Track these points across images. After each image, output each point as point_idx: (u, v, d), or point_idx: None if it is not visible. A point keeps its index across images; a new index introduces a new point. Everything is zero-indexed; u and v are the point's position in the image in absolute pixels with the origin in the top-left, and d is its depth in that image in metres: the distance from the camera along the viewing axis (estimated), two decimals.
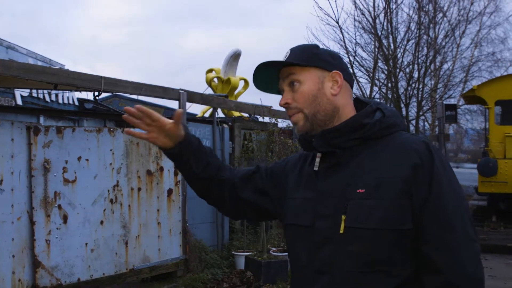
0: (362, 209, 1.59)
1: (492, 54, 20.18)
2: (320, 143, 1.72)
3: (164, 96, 7.06)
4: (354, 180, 1.64)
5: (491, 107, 12.86)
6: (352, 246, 1.59)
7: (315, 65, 1.75)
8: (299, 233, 1.75)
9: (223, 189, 1.94)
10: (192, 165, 1.87)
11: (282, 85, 1.80)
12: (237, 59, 13.18)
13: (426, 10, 14.61)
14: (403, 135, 1.70)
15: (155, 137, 1.83)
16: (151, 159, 6.53)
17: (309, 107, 1.73)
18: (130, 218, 6.25)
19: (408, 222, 1.57)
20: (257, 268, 6.83)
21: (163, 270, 6.67)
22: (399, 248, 1.58)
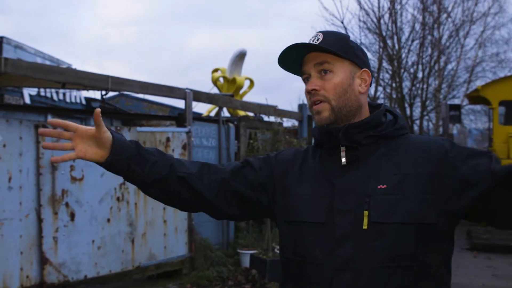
0: (386, 205, 1.57)
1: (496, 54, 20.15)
2: (345, 137, 1.67)
3: (171, 95, 7.11)
4: (373, 176, 1.62)
5: (495, 108, 12.86)
6: (376, 241, 1.56)
7: (349, 58, 1.71)
8: (311, 231, 1.67)
9: (189, 187, 1.75)
10: (136, 168, 1.65)
11: (310, 69, 1.72)
12: (242, 59, 13.23)
13: (430, 11, 14.62)
14: (415, 136, 1.71)
15: (84, 150, 1.61)
16: None
17: (338, 99, 1.68)
18: (136, 216, 6.31)
19: (432, 216, 1.56)
20: (262, 266, 6.87)
21: (169, 267, 6.73)
22: (422, 243, 1.56)
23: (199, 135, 7.84)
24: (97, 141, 1.61)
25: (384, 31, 13.37)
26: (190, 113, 7.21)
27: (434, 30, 14.81)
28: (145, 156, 1.67)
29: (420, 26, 14.20)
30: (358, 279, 1.57)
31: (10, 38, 9.32)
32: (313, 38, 1.73)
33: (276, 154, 1.89)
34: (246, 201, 1.80)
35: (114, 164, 1.63)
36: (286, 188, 1.77)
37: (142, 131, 6.45)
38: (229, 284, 6.79)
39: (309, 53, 1.73)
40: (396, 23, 13.52)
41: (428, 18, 14.47)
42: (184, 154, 6.93)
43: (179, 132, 6.94)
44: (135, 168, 1.64)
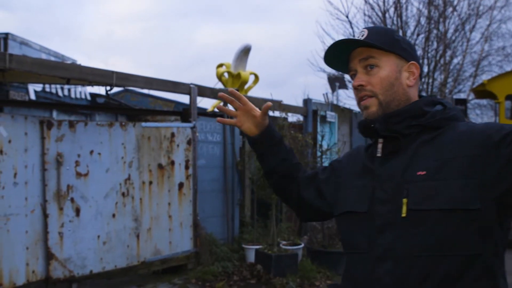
0: (425, 191, 1.54)
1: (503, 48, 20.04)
2: (382, 127, 1.68)
3: (175, 90, 7.11)
4: (412, 163, 1.60)
5: (501, 102, 12.79)
6: (416, 229, 1.54)
7: (395, 52, 1.71)
8: (356, 220, 1.70)
9: (293, 187, 2.00)
10: (269, 157, 1.98)
11: (356, 65, 1.74)
12: (247, 54, 13.22)
13: (436, 4, 14.54)
14: (464, 123, 1.66)
15: (242, 122, 1.96)
16: (162, 152, 6.59)
17: (385, 94, 1.69)
18: (141, 211, 6.32)
19: (475, 202, 1.50)
20: (267, 261, 6.87)
21: (174, 262, 6.74)
22: (466, 230, 1.51)
23: (204, 130, 7.83)
24: (255, 122, 1.94)
25: (389, 25, 13.31)
26: (195, 108, 7.20)
27: (440, 24, 14.73)
28: (281, 150, 1.98)
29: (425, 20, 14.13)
30: (398, 268, 1.55)
31: (15, 34, 9.34)
32: (358, 34, 1.74)
33: (340, 157, 2.00)
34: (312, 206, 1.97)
35: (257, 143, 1.97)
36: (340, 184, 1.85)
37: (147, 127, 6.45)
38: (234, 279, 6.80)
39: (354, 50, 1.74)
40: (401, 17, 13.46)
41: (433, 12, 14.40)
42: (189, 149, 6.93)
43: (184, 127, 6.94)
44: (269, 156, 1.97)
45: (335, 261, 7.49)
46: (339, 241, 7.99)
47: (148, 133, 6.44)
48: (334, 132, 11.18)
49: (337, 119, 11.68)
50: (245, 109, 1.94)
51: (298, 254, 7.27)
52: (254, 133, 1.96)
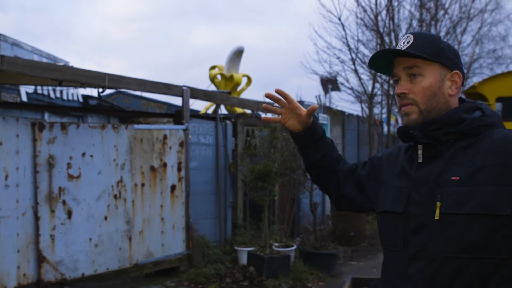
0: (458, 196, 1.60)
1: (493, 51, 20.15)
2: (421, 135, 1.73)
3: (168, 92, 7.10)
4: (448, 168, 1.66)
5: (492, 104, 12.86)
6: (448, 232, 1.60)
7: (440, 61, 1.74)
8: (393, 220, 1.79)
9: (333, 179, 2.07)
10: (312, 152, 2.03)
11: (400, 72, 1.78)
12: (240, 56, 13.22)
13: (427, 7, 14.60)
14: (501, 131, 1.69)
15: (287, 120, 1.98)
16: (155, 155, 6.59)
17: (427, 103, 1.73)
18: (133, 214, 6.31)
19: (507, 208, 1.54)
20: (260, 263, 6.87)
21: (167, 265, 6.73)
22: (498, 235, 1.55)
23: (197, 132, 7.83)
24: (300, 120, 1.96)
25: (382, 28, 13.35)
26: (187, 111, 7.20)
27: (432, 26, 14.79)
28: (323, 145, 2.03)
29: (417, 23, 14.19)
30: (430, 267, 1.62)
31: (7, 35, 9.28)
32: (403, 40, 1.79)
33: (380, 154, 2.06)
34: (353, 201, 2.05)
35: (300, 139, 2.01)
36: (381, 182, 1.92)
37: (140, 129, 6.44)
38: (227, 281, 6.80)
39: (399, 56, 1.78)
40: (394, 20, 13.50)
41: (425, 14, 14.46)
42: (181, 151, 6.93)
43: (177, 129, 6.93)
44: (312, 151, 2.03)
45: (327, 263, 7.51)
46: (331, 243, 8.01)
47: (141, 135, 6.43)
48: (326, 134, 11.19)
49: (330, 121, 11.71)
50: (291, 107, 1.96)
51: (290, 256, 7.28)
52: (297, 129, 1.99)
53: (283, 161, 7.65)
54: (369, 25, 13.74)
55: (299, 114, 1.95)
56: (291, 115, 1.97)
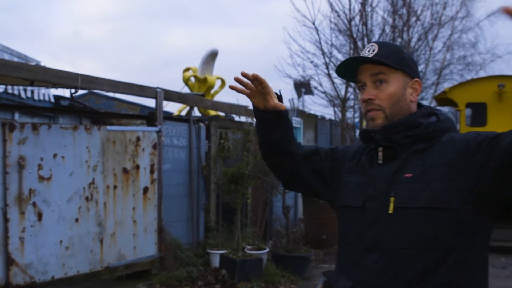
0: (410, 192, 1.73)
1: (463, 57, 20.49)
2: (382, 138, 1.84)
3: (141, 94, 7.06)
4: (402, 167, 1.79)
5: (462, 109, 13.08)
6: (400, 225, 1.72)
7: (403, 69, 1.86)
8: (351, 214, 1.89)
9: (286, 159, 2.11)
10: (273, 133, 2.04)
11: (366, 78, 1.89)
12: (214, 59, 13.21)
13: (400, 14, 14.80)
14: (452, 134, 1.84)
15: (254, 96, 1.98)
16: (127, 157, 6.54)
17: (392, 108, 1.85)
18: (105, 216, 6.25)
19: (454, 202, 1.68)
20: (232, 266, 6.87)
21: (138, 268, 6.68)
22: (445, 227, 1.69)
23: (170, 134, 7.80)
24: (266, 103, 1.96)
25: (355, 32, 13.48)
26: (161, 112, 7.17)
27: (404, 32, 14.99)
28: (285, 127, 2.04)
29: (390, 29, 14.37)
30: (384, 259, 1.74)
31: None
32: (368, 48, 1.89)
33: (343, 147, 2.16)
34: (307, 184, 2.12)
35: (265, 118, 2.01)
36: (341, 176, 2.02)
37: (112, 130, 6.39)
38: (199, 284, 6.78)
39: (365, 64, 1.89)
40: (367, 25, 13.64)
41: (398, 20, 14.65)
42: (154, 153, 6.89)
43: (150, 131, 6.90)
44: (268, 129, 2.04)
45: (300, 266, 7.55)
46: (303, 246, 8.05)
47: (113, 137, 6.38)
48: (299, 138, 11.26)
49: (303, 124, 11.77)
50: (263, 91, 1.96)
51: (262, 258, 7.29)
52: (260, 106, 2.00)
53: (256, 164, 7.66)
54: (342, 30, 13.86)
55: (267, 99, 1.97)
56: (260, 94, 1.97)
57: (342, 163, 2.05)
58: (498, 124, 12.33)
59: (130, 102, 14.11)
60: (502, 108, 12.62)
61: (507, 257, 9.44)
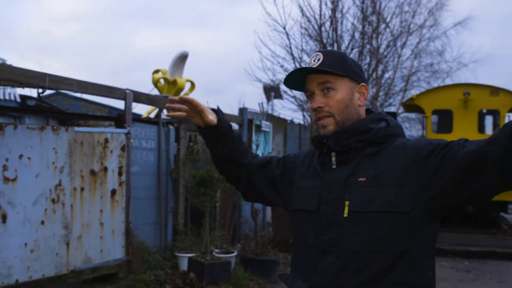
0: (364, 195, 1.79)
1: (431, 65, 20.89)
2: (334, 143, 1.89)
3: (110, 95, 6.99)
4: (356, 172, 1.84)
5: (428, 116, 13.32)
6: (355, 228, 1.78)
7: (349, 76, 1.92)
8: (305, 217, 1.94)
9: (241, 172, 2.18)
10: (219, 146, 2.12)
11: (314, 87, 1.94)
12: (184, 61, 13.16)
13: (370, 21, 14.98)
14: (401, 139, 1.91)
15: (192, 116, 2.06)
16: (95, 158, 6.46)
17: (341, 114, 1.90)
18: (72, 218, 6.16)
19: (406, 206, 1.75)
20: (200, 270, 6.85)
21: (105, 271, 6.60)
22: (397, 230, 1.76)
23: (139, 136, 7.73)
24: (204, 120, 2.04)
25: (325, 38, 13.60)
26: (130, 114, 7.11)
27: (373, 39, 15.18)
28: (229, 140, 2.10)
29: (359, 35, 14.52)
30: (339, 261, 1.79)
31: None
32: (313, 58, 1.94)
33: (294, 153, 2.20)
34: (262, 194, 2.18)
35: (205, 134, 2.10)
36: (293, 182, 2.06)
37: (80, 131, 6.30)
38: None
39: (311, 73, 1.94)
40: (337, 31, 13.77)
41: (367, 27, 14.82)
42: (123, 155, 6.83)
43: (118, 133, 6.83)
44: (218, 145, 2.12)
45: (268, 269, 7.56)
46: (271, 249, 8.06)
47: (81, 138, 6.29)
48: (268, 142, 11.29)
49: (272, 128, 11.81)
50: (195, 109, 2.03)
51: (231, 262, 7.29)
52: (201, 125, 2.08)
53: None
54: (313, 35, 13.97)
55: (203, 117, 2.05)
56: (196, 113, 2.06)
57: (293, 169, 2.10)
58: (464, 131, 12.61)
59: (98, 103, 13.94)
60: (467, 115, 12.90)
61: (471, 261, 9.63)
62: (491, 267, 9.20)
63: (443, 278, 8.15)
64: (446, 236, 11.46)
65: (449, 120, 13.08)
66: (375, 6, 15.20)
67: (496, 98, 12.70)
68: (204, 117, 2.03)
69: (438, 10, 19.55)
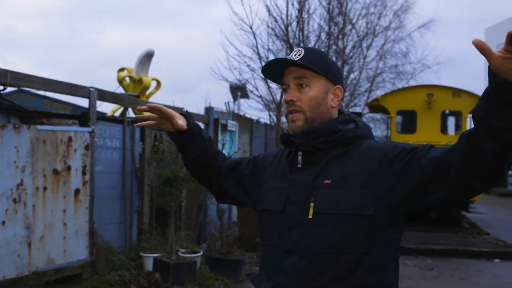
0: (329, 197, 1.80)
1: (395, 66, 21.20)
2: (301, 142, 1.90)
3: (74, 93, 6.88)
4: (322, 173, 1.85)
5: (393, 117, 13.52)
6: (319, 229, 1.79)
7: (326, 75, 1.93)
8: (272, 217, 1.94)
9: (213, 174, 2.18)
10: (190, 150, 2.12)
11: (289, 81, 1.95)
12: (150, 59, 13.06)
13: (336, 22, 15.11)
14: (370, 142, 1.91)
15: (161, 124, 2.09)
16: (58, 157, 6.35)
17: (312, 111, 1.91)
18: (34, 219, 6.04)
19: (370, 209, 1.77)
20: (166, 270, 6.80)
21: (69, 272, 6.49)
22: (361, 232, 1.77)
23: (103, 135, 7.63)
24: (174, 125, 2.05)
25: (292, 38, 13.65)
26: (94, 113, 7.01)
27: (339, 40, 15.32)
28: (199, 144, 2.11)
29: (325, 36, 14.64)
30: (303, 261, 1.80)
31: None
32: (295, 52, 1.94)
33: (264, 153, 2.21)
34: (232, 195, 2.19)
35: (175, 139, 2.11)
36: (262, 182, 2.07)
37: (43, 130, 6.19)
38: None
39: (290, 66, 1.95)
40: (303, 31, 13.84)
41: (333, 28, 14.95)
42: (87, 154, 6.73)
43: (82, 131, 6.73)
44: (188, 149, 2.12)
45: (233, 269, 7.55)
46: (237, 249, 8.06)
47: (44, 137, 6.18)
48: (234, 141, 11.28)
49: (238, 128, 11.81)
50: (165, 116, 2.05)
51: (196, 262, 7.26)
52: (171, 130, 2.09)
53: None
54: (279, 35, 14.01)
55: (172, 122, 2.05)
56: (165, 120, 2.07)
57: (262, 169, 2.11)
58: (427, 131, 12.84)
59: (62, 101, 13.69)
60: (431, 116, 13.14)
61: (434, 259, 9.80)
62: (453, 264, 9.39)
63: (406, 276, 8.28)
64: (410, 235, 11.66)
65: (413, 120, 13.30)
66: (342, 7, 15.35)
67: (458, 99, 12.97)
68: (174, 122, 2.04)
69: (403, 12, 19.85)
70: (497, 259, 9.96)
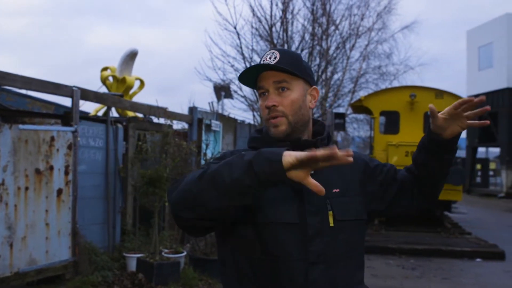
0: (342, 205, 1.88)
1: (379, 67, 21.34)
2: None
3: (56, 92, 6.82)
4: (328, 181, 1.82)
5: (376, 117, 13.59)
6: (340, 235, 1.85)
7: (303, 77, 1.93)
8: (285, 230, 1.79)
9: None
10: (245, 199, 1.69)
11: (268, 85, 1.90)
12: (133, 59, 12.99)
13: (320, 22, 15.17)
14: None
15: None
16: (41, 157, 6.29)
17: (295, 115, 1.89)
18: (16, 219, 5.97)
19: (365, 214, 1.96)
20: (149, 270, 6.77)
21: (51, 273, 6.43)
22: (362, 234, 1.97)
23: (86, 135, 7.57)
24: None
25: (276, 39, 13.69)
26: (77, 112, 6.95)
27: (323, 41, 15.38)
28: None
29: (309, 37, 14.69)
30: (329, 269, 1.82)
31: None
32: (269, 55, 1.89)
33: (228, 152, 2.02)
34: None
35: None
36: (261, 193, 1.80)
37: (25, 129, 6.12)
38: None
39: (267, 71, 1.89)
40: (287, 32, 13.90)
41: (317, 29, 15.01)
42: (69, 154, 6.67)
43: (65, 131, 6.67)
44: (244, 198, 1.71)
45: (217, 269, 7.54)
46: None
47: (26, 136, 6.11)
48: (218, 141, 11.27)
49: (222, 128, 11.79)
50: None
51: (180, 262, 7.23)
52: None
53: (174, 167, 7.59)
54: (263, 36, 14.05)
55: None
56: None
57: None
58: (410, 132, 12.93)
59: (44, 100, 13.56)
60: (413, 117, 13.23)
61: (417, 259, 9.87)
62: (435, 264, 9.47)
63: (389, 276, 8.34)
64: (393, 235, 11.72)
65: (396, 121, 13.38)
66: (325, 8, 15.41)
67: (441, 100, 13.07)
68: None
69: (386, 13, 20.02)
70: (479, 258, 10.06)
